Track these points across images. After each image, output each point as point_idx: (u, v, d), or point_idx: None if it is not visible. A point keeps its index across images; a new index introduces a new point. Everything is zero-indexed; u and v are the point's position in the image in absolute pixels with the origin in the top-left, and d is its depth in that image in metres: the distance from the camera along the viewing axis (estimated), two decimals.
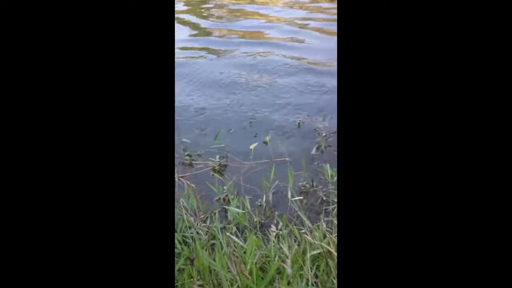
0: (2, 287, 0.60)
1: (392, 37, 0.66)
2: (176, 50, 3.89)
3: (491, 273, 0.60)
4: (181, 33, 4.50)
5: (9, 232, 0.61)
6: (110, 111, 0.67)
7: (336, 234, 1.36)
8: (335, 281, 1.17)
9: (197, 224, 1.61)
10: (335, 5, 5.20)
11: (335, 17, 4.80)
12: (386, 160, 0.65)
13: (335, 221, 1.53)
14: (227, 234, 1.38)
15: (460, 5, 0.64)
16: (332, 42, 4.02)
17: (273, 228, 1.53)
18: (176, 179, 1.99)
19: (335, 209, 1.63)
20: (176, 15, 5.66)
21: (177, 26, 4.74)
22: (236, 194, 1.80)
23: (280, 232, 1.47)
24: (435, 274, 0.62)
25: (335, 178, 1.84)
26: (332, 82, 3.05)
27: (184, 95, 2.94)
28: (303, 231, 1.46)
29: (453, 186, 0.63)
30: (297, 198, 1.65)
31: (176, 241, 1.42)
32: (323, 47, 3.97)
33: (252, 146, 2.21)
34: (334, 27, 4.60)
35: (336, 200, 1.68)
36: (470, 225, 0.62)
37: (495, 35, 0.63)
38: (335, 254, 1.20)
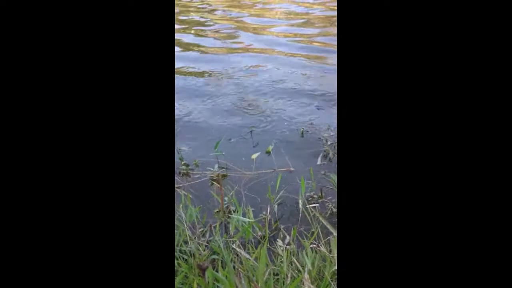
0: (2, 287, 0.61)
1: (392, 37, 0.65)
2: None
3: (491, 273, 0.60)
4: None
5: (8, 232, 0.61)
6: (109, 112, 0.65)
7: None
8: None
9: (196, 238, 1.46)
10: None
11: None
12: (387, 162, 0.64)
13: None
14: (233, 247, 1.22)
15: (460, 5, 0.64)
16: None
17: (280, 242, 1.38)
18: None
19: None
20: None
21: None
22: (238, 205, 1.65)
23: (289, 246, 1.32)
24: (435, 275, 0.61)
25: None
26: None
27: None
28: (313, 245, 1.32)
29: (454, 189, 0.62)
30: (310, 205, 1.50)
31: None
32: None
33: (254, 156, 2.08)
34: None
35: None
36: (470, 227, 0.61)
37: (495, 35, 0.63)
38: None
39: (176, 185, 1.87)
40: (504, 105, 0.62)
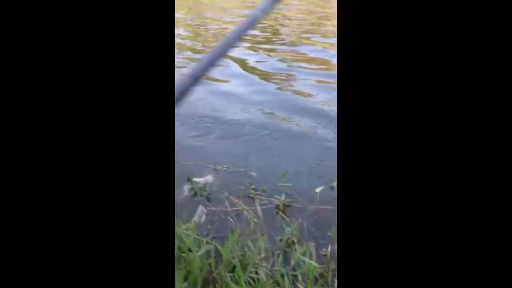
0: (2, 287, 0.59)
1: (393, 38, 0.64)
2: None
3: (491, 273, 0.58)
4: None
5: (7, 232, 0.62)
6: (108, 114, 0.63)
7: None
8: None
9: (259, 263, 1.59)
10: None
11: None
12: (388, 166, 0.63)
13: None
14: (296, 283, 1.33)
15: (460, 5, 0.62)
16: None
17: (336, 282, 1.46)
18: (241, 211, 2.00)
19: None
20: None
21: None
22: (301, 238, 1.76)
23: None
24: (436, 279, 0.60)
25: None
26: None
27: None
28: None
29: (454, 192, 0.60)
30: None
31: (242, 281, 1.40)
32: None
33: (318, 189, 2.17)
34: None
35: None
36: (470, 227, 0.60)
37: (495, 35, 0.61)
38: None
39: (243, 208, 2.03)
40: (504, 105, 0.60)
